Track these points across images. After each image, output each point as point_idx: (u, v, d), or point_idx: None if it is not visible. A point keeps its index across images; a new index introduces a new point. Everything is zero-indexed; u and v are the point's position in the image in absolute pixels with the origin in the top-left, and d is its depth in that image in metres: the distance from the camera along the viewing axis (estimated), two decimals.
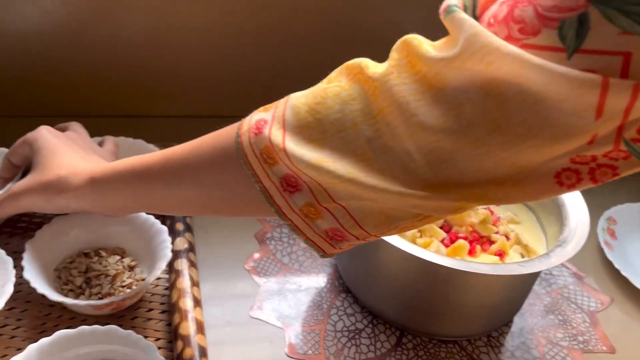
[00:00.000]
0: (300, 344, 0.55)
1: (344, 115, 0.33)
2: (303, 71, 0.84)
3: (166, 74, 0.80)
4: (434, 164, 0.31)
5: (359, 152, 0.33)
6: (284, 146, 0.34)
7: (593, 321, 0.62)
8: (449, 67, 0.29)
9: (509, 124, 0.28)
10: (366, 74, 0.33)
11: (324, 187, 0.34)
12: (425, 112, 0.30)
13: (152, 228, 0.56)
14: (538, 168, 0.30)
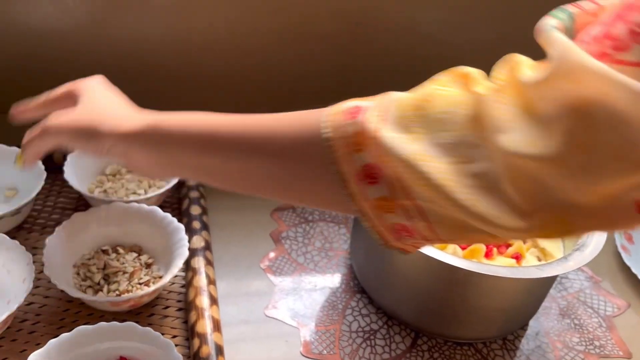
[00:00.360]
0: (315, 344, 0.55)
1: (452, 117, 0.32)
2: (319, 72, 0.84)
3: (182, 74, 0.80)
4: (522, 188, 0.30)
5: (457, 154, 0.32)
6: (379, 134, 0.33)
7: (609, 326, 0.61)
8: (543, 89, 0.29)
9: (595, 146, 0.27)
10: (473, 87, 0.33)
11: (407, 184, 0.33)
12: (519, 137, 0.29)
13: (170, 226, 0.56)
14: (620, 196, 0.29)
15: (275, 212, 0.69)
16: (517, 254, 0.57)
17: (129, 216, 0.57)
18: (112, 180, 0.65)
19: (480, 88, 0.32)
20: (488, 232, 0.32)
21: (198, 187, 0.66)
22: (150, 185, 0.65)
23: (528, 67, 0.31)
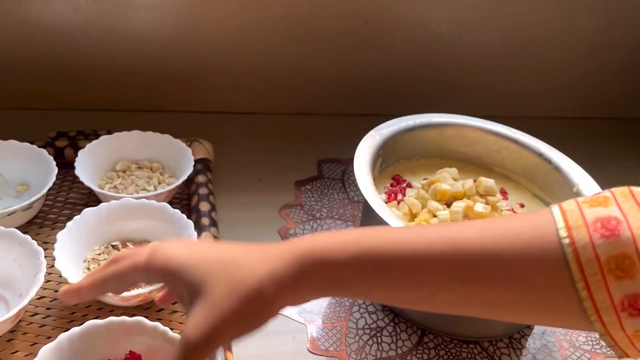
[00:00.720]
0: (322, 340, 0.55)
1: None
2: (329, 70, 0.84)
3: (192, 72, 0.81)
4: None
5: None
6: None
7: None
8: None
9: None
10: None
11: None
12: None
13: (179, 222, 0.57)
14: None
15: (283, 209, 0.70)
16: None
17: (139, 212, 0.58)
18: (122, 176, 0.66)
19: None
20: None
21: (207, 184, 0.67)
22: (160, 181, 0.66)
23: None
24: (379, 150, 0.62)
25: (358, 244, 0.34)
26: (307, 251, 0.34)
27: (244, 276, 0.33)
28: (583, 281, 0.30)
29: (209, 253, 0.35)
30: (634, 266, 0.29)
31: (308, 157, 0.79)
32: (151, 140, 0.68)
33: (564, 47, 0.87)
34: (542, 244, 0.31)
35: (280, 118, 0.87)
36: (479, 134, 0.67)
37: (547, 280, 0.31)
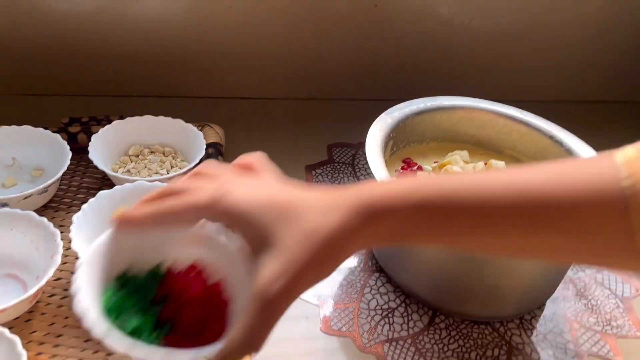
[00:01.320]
0: (334, 321, 0.56)
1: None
2: (336, 53, 0.84)
3: (204, 55, 0.81)
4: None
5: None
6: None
7: (627, 307, 0.61)
8: None
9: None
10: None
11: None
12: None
13: None
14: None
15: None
16: None
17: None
18: (135, 160, 0.66)
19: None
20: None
21: (217, 158, 0.67)
22: (172, 165, 0.66)
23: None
24: (390, 133, 0.62)
25: (421, 193, 0.33)
26: (370, 201, 0.33)
27: (316, 227, 0.33)
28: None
29: (275, 197, 0.34)
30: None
31: (318, 142, 0.79)
32: (163, 125, 0.68)
33: (576, 29, 0.87)
34: (605, 190, 0.31)
35: (290, 103, 0.87)
36: (490, 117, 0.67)
37: (609, 227, 0.31)
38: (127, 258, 0.39)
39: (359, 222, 0.33)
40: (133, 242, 0.39)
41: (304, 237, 0.32)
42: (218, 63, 0.82)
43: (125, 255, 0.39)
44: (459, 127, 0.68)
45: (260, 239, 0.33)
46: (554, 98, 0.92)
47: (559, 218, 0.32)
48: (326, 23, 0.81)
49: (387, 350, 0.54)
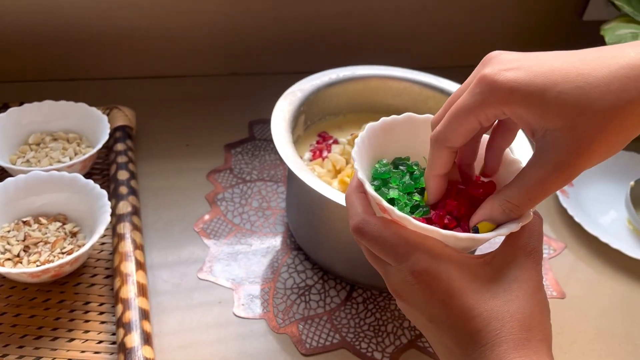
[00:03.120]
0: (249, 304, 0.55)
1: None
2: (261, 27, 0.81)
3: (113, 35, 0.77)
4: None
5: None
6: None
7: (545, 268, 0.62)
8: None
9: None
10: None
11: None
12: None
13: (92, 192, 0.54)
14: None
15: (211, 174, 0.68)
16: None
17: (50, 185, 0.55)
18: (36, 149, 0.63)
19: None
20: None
21: (126, 152, 0.64)
22: (76, 152, 0.63)
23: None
24: (300, 107, 0.60)
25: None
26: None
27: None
28: None
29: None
30: None
31: (239, 119, 0.77)
32: (65, 110, 0.65)
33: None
34: None
35: (210, 80, 0.83)
36: (405, 85, 0.66)
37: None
38: (403, 147, 0.39)
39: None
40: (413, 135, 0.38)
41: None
42: (128, 42, 0.78)
43: (401, 145, 0.38)
44: (374, 97, 0.66)
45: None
46: (473, 62, 0.91)
47: None
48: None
49: (302, 328, 0.53)
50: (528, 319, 0.30)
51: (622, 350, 0.55)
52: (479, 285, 0.31)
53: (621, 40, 0.74)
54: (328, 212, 0.54)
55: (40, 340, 0.48)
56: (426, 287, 0.31)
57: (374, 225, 0.33)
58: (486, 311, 0.30)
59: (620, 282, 0.61)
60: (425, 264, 0.31)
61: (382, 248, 0.33)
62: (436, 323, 0.32)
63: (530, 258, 0.32)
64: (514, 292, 0.31)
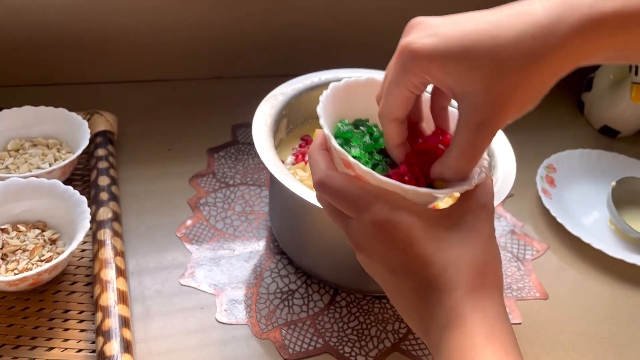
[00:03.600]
0: (231, 309, 0.54)
1: None
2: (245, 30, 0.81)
3: (94, 39, 0.76)
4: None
5: None
6: None
7: (528, 269, 0.62)
8: None
9: None
10: None
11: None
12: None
13: (72, 199, 0.54)
14: None
15: (194, 179, 0.67)
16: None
17: (28, 192, 0.55)
18: (15, 155, 0.62)
19: None
20: None
21: (107, 157, 0.64)
22: (56, 158, 0.62)
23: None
24: (282, 110, 0.60)
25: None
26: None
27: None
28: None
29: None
30: None
31: (223, 123, 0.76)
32: (45, 115, 0.64)
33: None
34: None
35: (194, 84, 0.83)
36: None
37: None
38: (363, 109, 0.40)
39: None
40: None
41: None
42: (109, 46, 0.77)
43: (362, 107, 0.40)
44: None
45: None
46: None
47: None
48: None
49: (285, 333, 0.53)
50: (482, 266, 0.32)
51: (604, 350, 0.55)
52: (437, 234, 0.32)
53: None
54: (310, 216, 0.54)
55: (18, 350, 0.47)
56: (386, 236, 0.33)
57: (337, 179, 0.34)
58: (443, 259, 0.32)
59: (603, 282, 0.62)
60: (385, 214, 0.32)
61: (345, 201, 0.34)
62: (396, 273, 0.33)
63: (484, 211, 0.34)
64: (470, 241, 0.32)
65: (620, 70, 0.81)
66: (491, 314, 0.31)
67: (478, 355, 0.30)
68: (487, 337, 0.30)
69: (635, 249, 0.65)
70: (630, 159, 0.76)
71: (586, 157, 0.76)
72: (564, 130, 0.85)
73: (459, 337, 0.31)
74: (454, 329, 0.31)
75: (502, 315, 0.32)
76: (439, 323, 0.32)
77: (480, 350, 0.30)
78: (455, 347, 0.31)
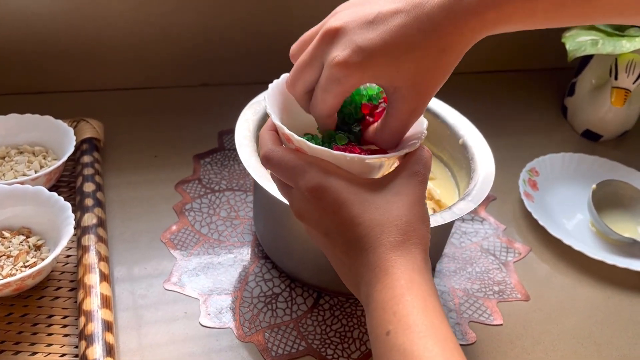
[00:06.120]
0: (215, 313, 0.55)
1: None
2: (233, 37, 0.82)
3: (81, 47, 0.77)
4: None
5: None
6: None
7: (509, 271, 0.63)
8: None
9: None
10: None
11: None
12: None
13: (56, 205, 0.54)
14: None
15: (179, 185, 0.68)
16: None
17: (13, 198, 0.55)
18: (1, 163, 0.62)
19: None
20: None
21: (93, 164, 0.64)
22: (42, 165, 0.63)
23: None
24: (266, 116, 0.60)
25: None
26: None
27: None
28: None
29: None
30: None
31: (209, 130, 0.77)
32: (31, 122, 0.64)
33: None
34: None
35: (181, 91, 0.84)
36: None
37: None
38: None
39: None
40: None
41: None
42: (97, 54, 0.78)
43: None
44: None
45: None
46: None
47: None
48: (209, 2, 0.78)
49: (268, 337, 0.53)
50: (405, 225, 0.35)
51: (584, 351, 0.56)
52: (364, 198, 0.35)
53: (581, 47, 0.76)
54: (293, 220, 0.54)
55: (2, 355, 0.48)
56: (319, 200, 0.36)
57: (278, 152, 0.38)
58: (369, 219, 0.35)
59: (583, 284, 0.63)
60: (317, 179, 0.36)
61: (284, 171, 0.37)
62: (329, 236, 0.36)
63: (415, 178, 0.37)
64: (395, 203, 0.35)
65: (602, 75, 0.83)
66: (411, 267, 0.34)
67: (397, 304, 0.33)
68: (406, 288, 0.33)
69: (615, 251, 0.66)
70: (612, 162, 0.77)
71: (568, 160, 0.77)
72: (548, 134, 0.86)
73: (382, 290, 0.34)
74: (377, 284, 0.34)
75: (422, 269, 0.35)
76: (366, 280, 0.35)
77: (399, 300, 0.33)
78: (379, 300, 0.34)
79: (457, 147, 0.61)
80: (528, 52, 0.97)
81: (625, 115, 0.83)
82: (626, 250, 0.66)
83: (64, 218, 0.53)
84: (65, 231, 0.52)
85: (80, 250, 0.54)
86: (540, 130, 0.87)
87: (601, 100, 0.82)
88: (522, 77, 0.98)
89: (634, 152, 0.84)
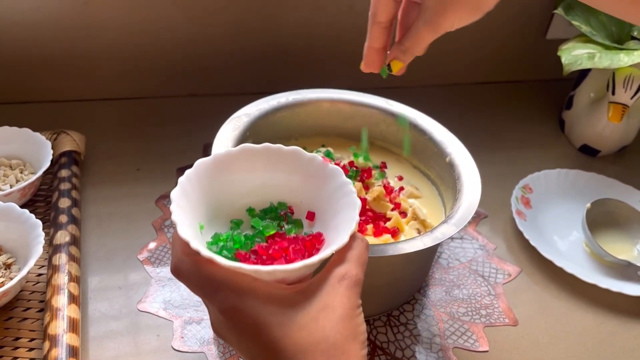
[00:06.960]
0: (188, 335, 0.53)
1: None
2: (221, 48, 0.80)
3: (61, 56, 0.76)
4: None
5: None
6: None
7: (498, 294, 0.61)
8: None
9: None
10: None
11: None
12: None
13: (27, 222, 0.53)
14: None
15: (160, 200, 0.66)
16: (395, 228, 0.55)
17: None
18: None
19: None
20: None
21: (70, 179, 0.63)
22: (18, 179, 0.61)
23: None
24: (246, 132, 0.59)
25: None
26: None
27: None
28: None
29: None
30: None
31: (194, 142, 0.75)
32: (8, 135, 0.63)
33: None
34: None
35: (167, 101, 0.82)
36: (356, 108, 0.65)
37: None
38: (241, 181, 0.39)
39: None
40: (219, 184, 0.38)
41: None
42: (79, 63, 0.76)
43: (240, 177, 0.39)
44: (326, 120, 0.65)
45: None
46: (426, 82, 0.90)
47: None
48: (198, 14, 0.76)
49: None
50: (331, 349, 0.31)
51: None
52: (287, 318, 0.31)
53: (577, 61, 0.73)
54: None
55: None
56: (235, 324, 0.32)
57: (187, 265, 0.33)
58: (292, 344, 0.31)
59: (575, 308, 0.60)
60: (230, 301, 0.31)
61: (195, 287, 0.33)
62: (254, 359, 0.32)
63: (343, 283, 0.32)
64: (321, 321, 0.31)
65: (601, 88, 0.80)
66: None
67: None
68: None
69: (609, 273, 0.64)
70: (609, 179, 0.75)
71: (564, 177, 0.75)
72: (544, 148, 0.84)
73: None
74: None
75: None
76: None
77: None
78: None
79: (443, 166, 0.59)
80: (525, 63, 0.95)
81: (623, 130, 0.80)
82: (621, 273, 0.64)
83: (34, 236, 0.52)
84: (35, 250, 0.50)
85: (51, 270, 0.53)
86: (536, 144, 0.85)
87: (599, 114, 0.79)
88: (519, 88, 0.96)
89: (632, 168, 0.81)
